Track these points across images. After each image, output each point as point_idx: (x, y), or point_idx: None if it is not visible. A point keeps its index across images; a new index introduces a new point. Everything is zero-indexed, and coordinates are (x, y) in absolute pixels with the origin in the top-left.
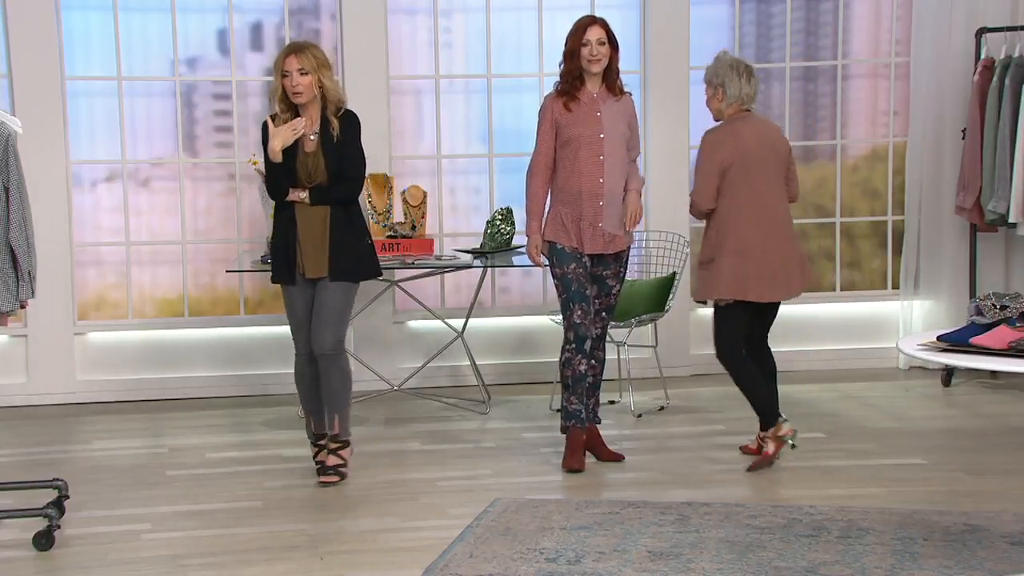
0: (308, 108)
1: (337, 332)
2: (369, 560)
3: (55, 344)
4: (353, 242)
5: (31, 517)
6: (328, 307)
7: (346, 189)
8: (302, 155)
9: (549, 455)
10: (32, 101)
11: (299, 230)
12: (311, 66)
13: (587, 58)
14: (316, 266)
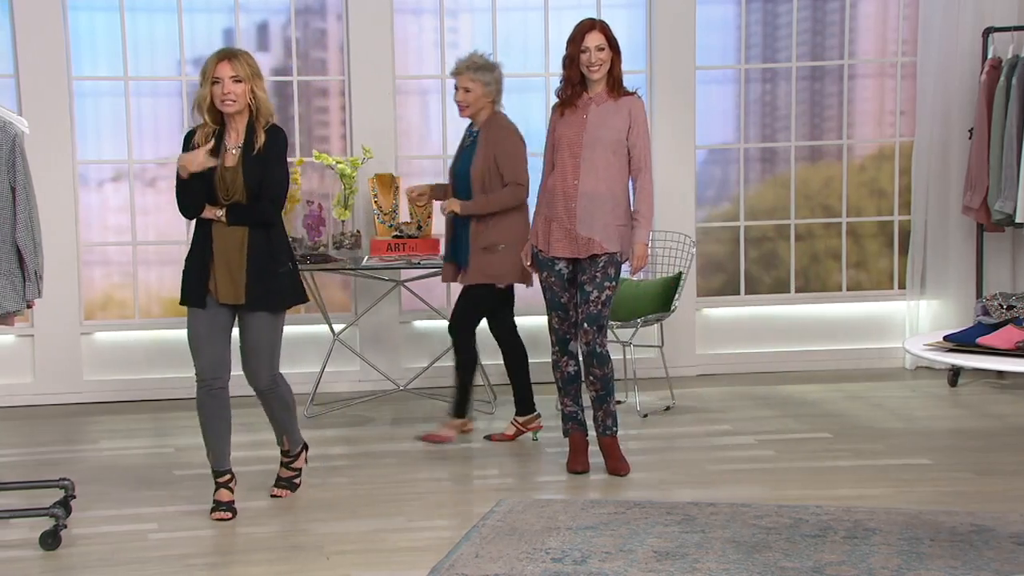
0: (235, 119)
1: (271, 367)
2: (375, 560)
3: (62, 344)
4: (272, 268)
5: (38, 517)
6: (256, 342)
7: (263, 211)
8: (221, 169)
9: (555, 455)
10: (39, 101)
11: (215, 251)
12: (245, 74)
13: (586, 65)
14: (230, 292)
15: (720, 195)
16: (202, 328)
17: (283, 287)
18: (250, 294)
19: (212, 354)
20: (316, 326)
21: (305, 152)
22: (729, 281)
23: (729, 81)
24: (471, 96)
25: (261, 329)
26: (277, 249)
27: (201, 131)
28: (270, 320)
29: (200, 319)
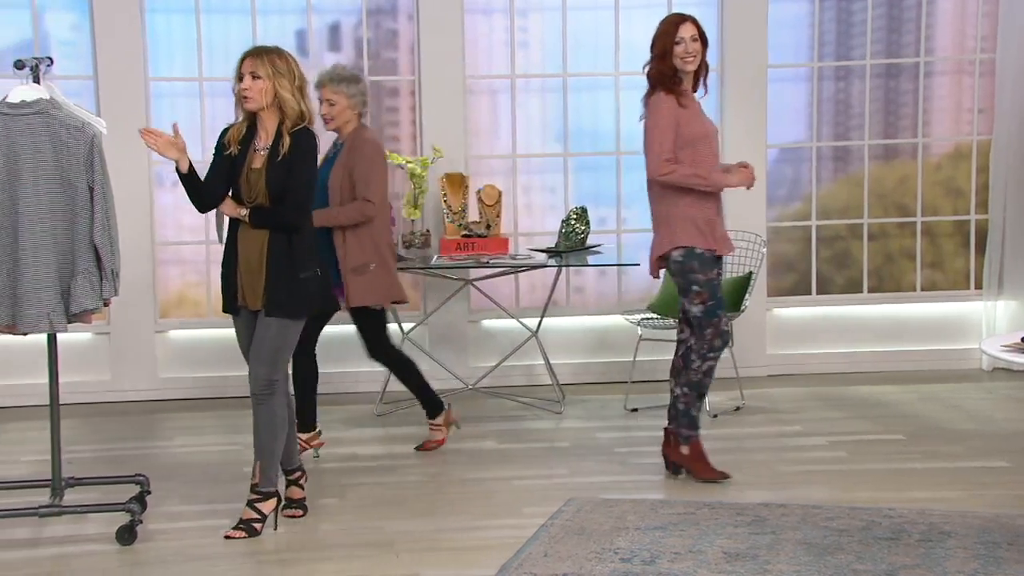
0: (264, 120)
1: (270, 370)
2: (445, 558)
3: (138, 342)
4: (291, 274)
5: (114, 512)
6: (260, 342)
7: (284, 215)
8: (247, 170)
9: (624, 455)
10: (117, 102)
11: (239, 256)
12: (266, 72)
13: (681, 56)
14: (253, 296)
15: (791, 194)
16: (244, 341)
17: (304, 293)
18: (267, 299)
19: None
20: None
21: None
22: (800, 281)
23: (801, 79)
24: (335, 109)
25: (269, 331)
26: (300, 254)
27: (235, 127)
28: (282, 324)
29: (241, 330)
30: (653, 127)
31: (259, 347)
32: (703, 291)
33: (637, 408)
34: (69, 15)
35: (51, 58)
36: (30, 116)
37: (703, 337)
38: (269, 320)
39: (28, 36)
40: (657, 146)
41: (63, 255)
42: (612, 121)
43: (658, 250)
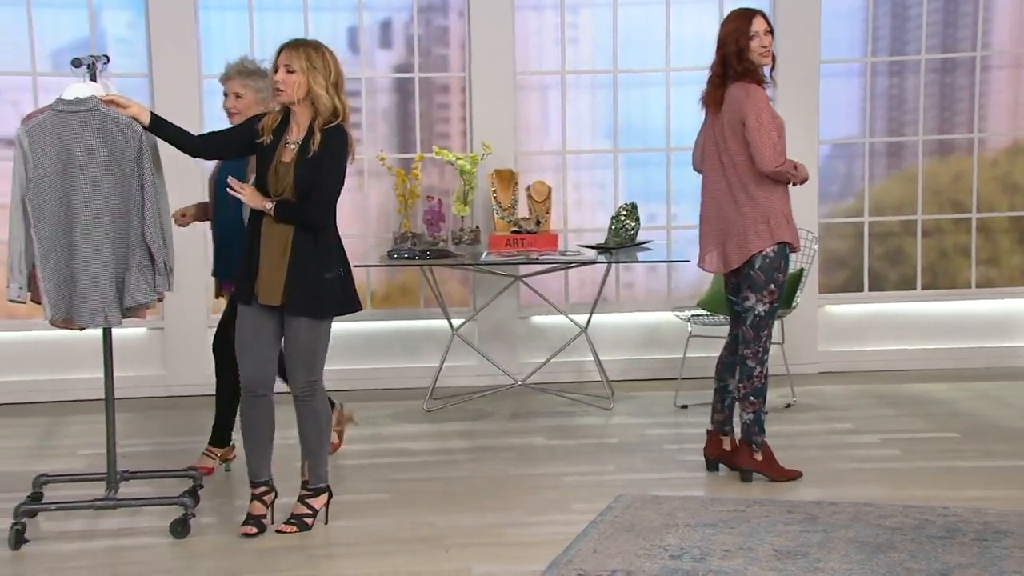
0: (297, 114)
1: (309, 372)
2: (494, 553)
3: (191, 337)
4: (314, 273)
5: (168, 505)
6: (294, 346)
7: (309, 212)
8: (276, 163)
9: (673, 452)
10: (171, 98)
11: (261, 249)
12: (300, 66)
13: (759, 51)
14: (270, 292)
15: (844, 190)
16: (247, 333)
17: (326, 293)
18: (289, 297)
19: (255, 362)
20: (435, 321)
21: (426, 148)
22: (852, 278)
23: (854, 74)
24: (243, 103)
25: (299, 332)
26: (324, 254)
27: (270, 116)
28: (310, 325)
29: (246, 322)
30: (759, 119)
31: (294, 350)
32: (777, 290)
33: (687, 404)
34: (125, 13)
35: (107, 56)
36: (83, 113)
37: (759, 339)
38: (297, 322)
39: (85, 34)
40: (768, 137)
41: (119, 250)
42: (662, 117)
43: (756, 247)
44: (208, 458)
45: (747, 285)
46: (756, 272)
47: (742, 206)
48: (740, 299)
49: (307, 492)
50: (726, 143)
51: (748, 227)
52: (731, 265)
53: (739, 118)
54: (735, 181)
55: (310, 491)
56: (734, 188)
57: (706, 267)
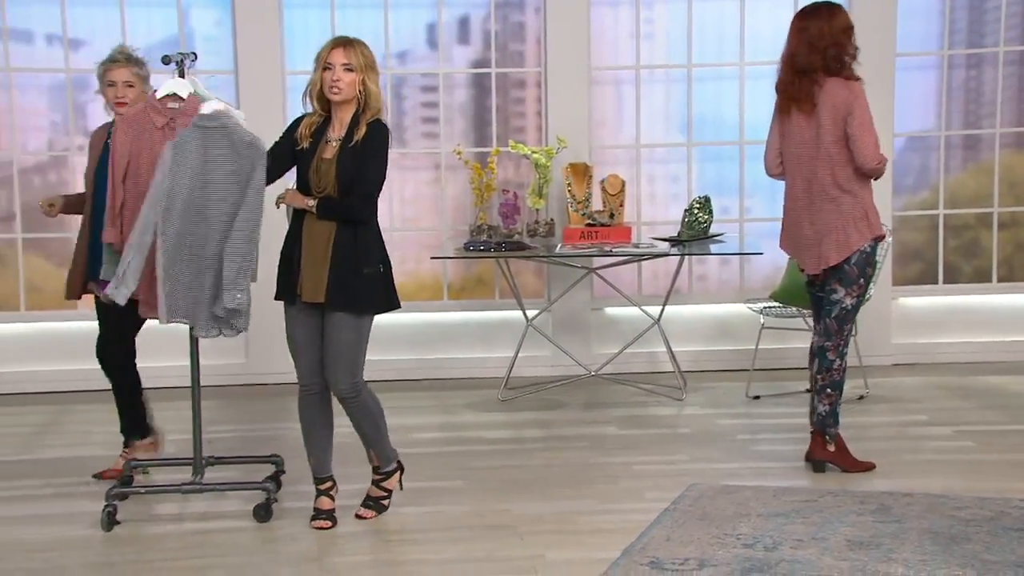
0: (341, 110)
1: (351, 374)
2: (568, 540)
3: (272, 327)
4: (356, 269)
5: (252, 490)
6: (334, 345)
7: (352, 206)
8: (317, 160)
9: (745, 442)
10: (255, 94)
11: (303, 246)
12: (358, 64)
13: (856, 47)
14: (313, 290)
15: (918, 183)
16: (297, 333)
17: (367, 290)
18: (331, 294)
19: (309, 360)
20: (510, 312)
21: (502, 142)
22: (926, 270)
23: (930, 67)
24: (133, 93)
25: (340, 330)
26: (365, 249)
27: (308, 119)
28: (352, 322)
29: (294, 321)
30: (864, 115)
31: (335, 350)
32: (865, 284)
33: (759, 396)
34: (212, 12)
35: (195, 53)
36: (215, 129)
37: (842, 332)
38: (339, 317)
39: (174, 33)
40: (872, 134)
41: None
42: (736, 110)
43: (857, 243)
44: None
45: (838, 279)
46: (851, 267)
47: (840, 203)
48: (826, 292)
49: (379, 476)
50: (819, 140)
51: (848, 224)
52: (830, 263)
53: (842, 115)
54: (831, 179)
55: (382, 475)
56: (830, 186)
57: (806, 269)
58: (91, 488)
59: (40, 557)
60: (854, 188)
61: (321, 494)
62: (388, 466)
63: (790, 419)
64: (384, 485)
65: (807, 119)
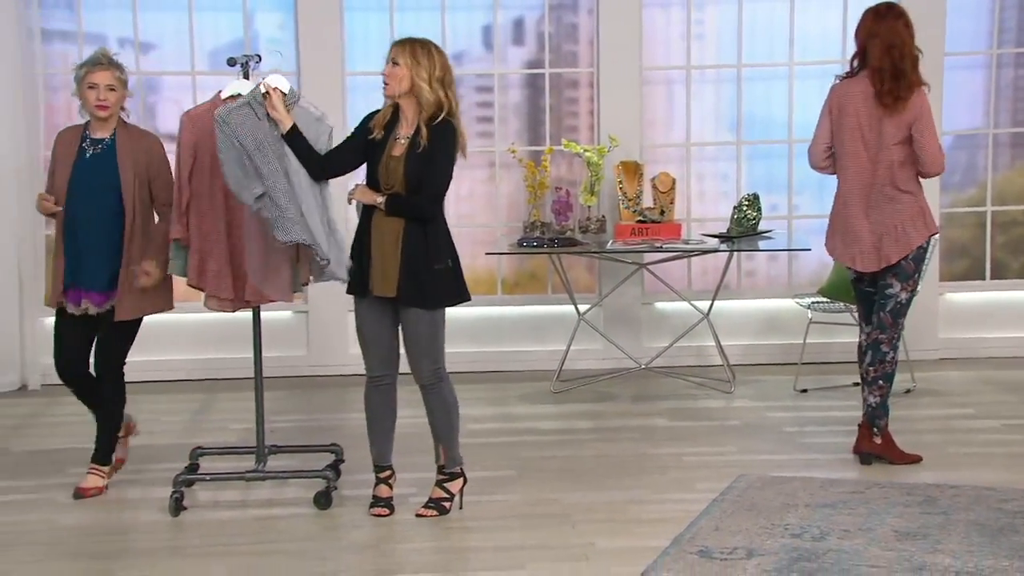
0: (406, 108)
1: (432, 361)
2: (619, 529)
3: (332, 320)
4: (424, 265)
5: (312, 478)
6: (413, 338)
7: (418, 205)
8: (387, 157)
9: (793, 434)
10: (317, 95)
11: (372, 242)
12: (405, 60)
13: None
14: (383, 284)
15: (965, 180)
16: (367, 325)
17: (437, 285)
18: (402, 290)
19: (378, 351)
20: (562, 306)
21: (555, 141)
22: (973, 266)
23: (979, 66)
24: (115, 96)
25: (417, 324)
26: (434, 246)
27: (381, 113)
28: (425, 316)
29: (364, 314)
30: (930, 119)
31: (414, 342)
32: (919, 279)
33: (807, 389)
34: (276, 15)
35: (259, 55)
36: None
37: (896, 325)
38: (412, 314)
39: (240, 36)
40: (936, 137)
41: None
42: (785, 109)
43: (916, 241)
44: (97, 477)
45: (893, 273)
46: (908, 262)
47: (899, 203)
48: (880, 287)
49: (444, 476)
50: (882, 141)
51: (907, 222)
52: (890, 261)
53: (907, 119)
54: (890, 179)
55: (446, 475)
56: (889, 186)
57: (857, 265)
58: (158, 475)
59: (111, 540)
60: (912, 188)
61: (380, 482)
62: (453, 467)
63: (837, 412)
64: (447, 487)
65: (871, 119)
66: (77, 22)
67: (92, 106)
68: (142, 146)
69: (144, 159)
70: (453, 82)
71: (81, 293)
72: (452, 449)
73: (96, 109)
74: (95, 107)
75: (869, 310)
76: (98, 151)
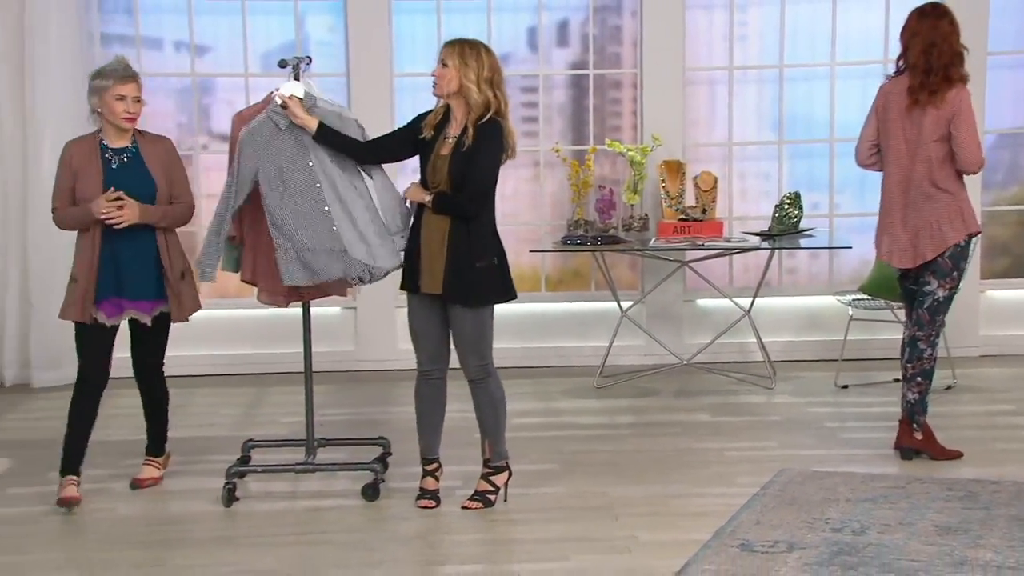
0: (455, 108)
1: (480, 357)
2: (661, 522)
3: (380, 316)
4: (468, 263)
5: (360, 470)
6: (460, 334)
7: (462, 203)
8: (435, 156)
9: (834, 430)
10: (366, 96)
11: (421, 239)
12: (453, 61)
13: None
14: (431, 281)
15: (1008, 179)
16: (418, 321)
17: (481, 282)
18: (447, 287)
19: (429, 346)
20: (605, 303)
21: (598, 141)
22: (1014, 264)
23: (1022, 66)
24: (139, 107)
25: (463, 321)
26: (478, 243)
27: (433, 113)
28: (469, 313)
29: (415, 309)
30: (970, 116)
31: (461, 338)
32: (959, 278)
33: (847, 385)
34: (327, 18)
35: (310, 57)
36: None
37: (934, 323)
38: (458, 311)
39: (291, 38)
40: (975, 135)
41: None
42: (826, 109)
43: (952, 239)
44: (152, 468)
45: (931, 271)
46: (944, 260)
47: (936, 200)
48: (919, 284)
49: (489, 470)
50: (921, 138)
51: (943, 220)
52: (925, 258)
53: (946, 116)
54: (928, 177)
55: (492, 468)
56: (926, 183)
57: (894, 262)
58: (211, 466)
59: (166, 529)
60: (951, 186)
61: (427, 475)
62: (498, 460)
63: (878, 407)
64: (493, 480)
65: (912, 117)
66: (135, 26)
67: (120, 118)
68: (162, 150)
69: (166, 162)
70: (502, 82)
71: (124, 304)
72: (498, 443)
73: (124, 121)
74: (124, 119)
75: (911, 307)
76: (124, 161)
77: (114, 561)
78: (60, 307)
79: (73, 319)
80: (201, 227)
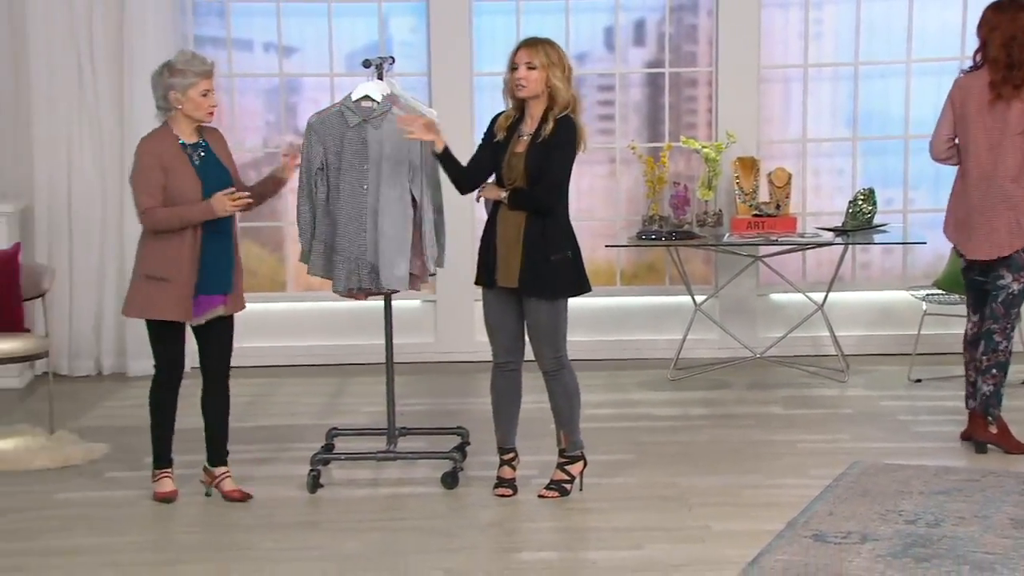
0: (532, 107)
1: (554, 349)
2: (734, 513)
3: (459, 308)
4: (543, 256)
5: (440, 459)
6: (535, 327)
7: (537, 197)
8: (510, 154)
9: (907, 423)
10: (447, 95)
11: (497, 235)
12: (540, 62)
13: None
14: (506, 275)
15: None
16: (493, 315)
17: (557, 275)
18: (523, 280)
19: (504, 339)
20: (679, 297)
21: (674, 138)
22: None
23: None
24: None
25: (538, 314)
26: (553, 237)
27: (504, 115)
28: (545, 306)
29: (491, 303)
30: None
31: (536, 331)
32: None
33: (920, 379)
34: (409, 19)
35: (393, 57)
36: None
37: (1009, 316)
38: (533, 304)
39: (375, 39)
40: None
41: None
42: (901, 106)
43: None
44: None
45: (1005, 265)
46: (1020, 254)
47: (1013, 196)
48: (992, 278)
49: (565, 459)
50: (1004, 134)
51: (1021, 215)
52: (1004, 252)
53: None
54: (1007, 172)
55: (567, 458)
56: (1006, 179)
57: (970, 254)
58: (296, 454)
59: (253, 514)
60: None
61: (504, 464)
62: (574, 450)
63: (951, 402)
64: (568, 469)
65: (995, 111)
66: (226, 28)
67: (206, 112)
68: (221, 140)
69: (227, 151)
70: (573, 78)
71: (209, 299)
72: (573, 433)
73: (208, 116)
74: (209, 113)
75: (976, 299)
76: (201, 155)
77: (202, 544)
78: (139, 306)
79: (174, 319)
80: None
